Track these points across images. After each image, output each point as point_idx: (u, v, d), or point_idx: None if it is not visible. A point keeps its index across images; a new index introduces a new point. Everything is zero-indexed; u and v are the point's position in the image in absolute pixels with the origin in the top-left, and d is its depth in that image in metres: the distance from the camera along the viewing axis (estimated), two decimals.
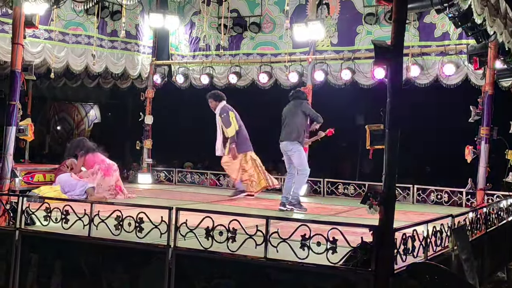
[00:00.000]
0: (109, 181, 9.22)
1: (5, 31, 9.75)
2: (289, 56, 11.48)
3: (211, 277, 4.72)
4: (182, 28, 12.55)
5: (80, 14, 10.87)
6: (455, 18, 6.74)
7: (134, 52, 12.22)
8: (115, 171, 9.34)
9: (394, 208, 4.30)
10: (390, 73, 4.40)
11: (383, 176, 4.32)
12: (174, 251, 4.88)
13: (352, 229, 4.72)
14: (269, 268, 4.53)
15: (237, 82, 11.86)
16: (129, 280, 5.04)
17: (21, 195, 5.83)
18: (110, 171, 9.28)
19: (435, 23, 10.26)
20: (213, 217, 4.86)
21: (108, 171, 9.27)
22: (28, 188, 9.04)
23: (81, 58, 11.29)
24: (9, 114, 6.13)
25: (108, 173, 9.26)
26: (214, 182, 12.22)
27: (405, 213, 8.28)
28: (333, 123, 9.29)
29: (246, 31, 12.02)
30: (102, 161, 9.36)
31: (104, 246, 5.19)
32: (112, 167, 9.34)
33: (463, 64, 9.75)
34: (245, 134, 10.08)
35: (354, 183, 10.98)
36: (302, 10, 11.32)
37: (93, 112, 21.97)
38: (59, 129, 22.07)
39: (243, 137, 10.00)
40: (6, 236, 5.63)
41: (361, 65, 10.78)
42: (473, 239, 6.09)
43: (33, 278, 5.47)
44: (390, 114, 4.32)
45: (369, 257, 4.20)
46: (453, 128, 13.26)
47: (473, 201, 9.34)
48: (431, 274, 4.33)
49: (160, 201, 8.98)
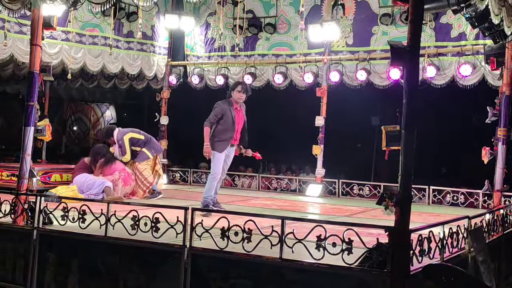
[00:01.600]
0: (126, 189, 9.30)
1: (23, 33, 9.86)
2: (304, 57, 11.47)
3: (226, 277, 4.74)
4: (197, 29, 12.60)
5: (96, 15, 10.96)
6: (472, 19, 6.69)
7: (150, 53, 12.30)
8: (133, 181, 9.41)
9: (410, 209, 4.29)
10: (406, 74, 4.38)
11: (399, 177, 4.31)
12: (190, 251, 4.90)
13: (367, 230, 4.71)
14: (285, 269, 4.54)
15: (252, 82, 11.87)
16: (145, 280, 5.08)
17: (39, 195, 5.88)
18: (129, 181, 9.35)
19: (452, 24, 10.20)
20: (228, 217, 4.89)
21: (127, 181, 9.34)
22: (46, 188, 9.12)
23: (97, 59, 11.40)
24: (27, 114, 6.20)
25: (127, 183, 9.33)
26: (229, 182, 12.24)
27: (420, 214, 8.25)
28: (348, 124, 9.32)
29: (261, 31, 12.04)
30: (123, 170, 9.39)
31: (120, 246, 5.23)
32: (131, 176, 9.40)
33: (480, 64, 9.68)
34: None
35: (369, 184, 10.95)
36: (317, 10, 11.31)
37: (109, 113, 22.13)
38: (75, 129, 22.26)
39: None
40: (24, 235, 5.70)
41: (377, 66, 10.74)
42: (490, 241, 6.04)
43: (50, 276, 5.53)
44: (406, 115, 4.30)
45: (385, 258, 4.19)
46: (469, 129, 13.18)
47: (490, 202, 9.26)
48: (448, 275, 4.30)
49: (176, 201, 9.02)
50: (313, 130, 11.18)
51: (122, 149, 9.53)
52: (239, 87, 8.01)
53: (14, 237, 5.79)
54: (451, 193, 10.10)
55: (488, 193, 9.38)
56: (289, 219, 4.81)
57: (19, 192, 6.04)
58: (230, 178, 12.31)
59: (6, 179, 9.49)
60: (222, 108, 7.92)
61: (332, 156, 11.57)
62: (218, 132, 7.91)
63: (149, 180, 9.53)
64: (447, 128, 14.47)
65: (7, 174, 9.53)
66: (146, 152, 9.62)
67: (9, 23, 9.72)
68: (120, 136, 9.54)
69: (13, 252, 5.75)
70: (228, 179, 12.30)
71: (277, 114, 15.48)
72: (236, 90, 7.98)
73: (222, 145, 7.89)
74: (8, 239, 5.81)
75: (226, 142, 7.91)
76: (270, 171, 14.58)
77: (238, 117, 8.02)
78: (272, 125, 15.85)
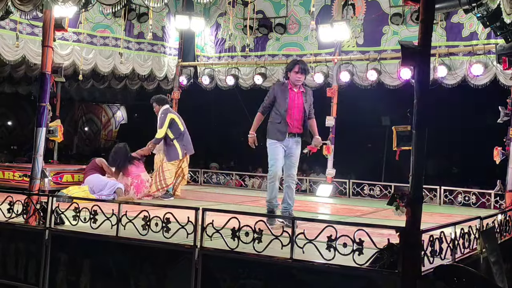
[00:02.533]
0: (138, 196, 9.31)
1: (35, 34, 9.95)
2: (315, 57, 11.47)
3: (237, 277, 4.74)
4: (207, 29, 12.63)
5: (108, 16, 11.06)
6: (483, 18, 6.65)
7: (160, 53, 12.35)
8: (146, 189, 9.40)
9: (421, 210, 4.27)
10: (417, 74, 4.36)
11: (410, 177, 4.29)
12: (200, 251, 4.91)
13: (378, 231, 4.70)
14: (295, 269, 4.53)
15: (262, 83, 11.89)
16: (156, 280, 5.09)
17: (51, 195, 5.92)
18: (141, 189, 9.35)
19: (463, 23, 10.15)
20: (239, 217, 4.89)
21: (140, 188, 9.34)
22: (57, 188, 9.18)
23: (108, 59, 11.47)
24: (39, 115, 6.24)
25: (139, 190, 9.32)
26: (239, 183, 12.26)
27: (432, 214, 8.21)
28: (359, 124, 9.29)
29: (271, 32, 12.06)
30: (137, 177, 9.38)
31: (131, 246, 5.25)
32: (144, 184, 9.38)
33: (492, 64, 9.63)
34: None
35: (379, 184, 10.91)
36: (328, 10, 11.31)
37: (120, 113, 22.26)
38: (86, 130, 22.40)
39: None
40: (36, 235, 5.74)
41: (387, 66, 10.71)
42: (502, 242, 6.01)
43: (62, 276, 5.56)
44: (417, 115, 4.28)
45: (396, 259, 4.18)
46: (481, 129, 13.10)
47: (502, 203, 9.21)
48: (459, 276, 4.28)
49: (186, 201, 9.04)
50: (324, 130, 11.17)
51: (160, 123, 9.43)
52: (296, 67, 6.87)
53: (26, 237, 5.82)
54: (463, 193, 10.05)
55: (500, 193, 9.33)
56: (299, 220, 4.81)
57: (31, 193, 6.08)
58: (240, 178, 12.33)
59: (18, 180, 9.56)
60: (275, 90, 6.93)
61: (342, 156, 11.54)
62: (272, 118, 6.91)
63: (167, 182, 9.40)
64: (458, 128, 14.40)
65: (19, 175, 9.61)
66: (178, 149, 9.43)
67: (21, 25, 9.81)
68: (165, 112, 9.47)
69: (25, 252, 5.79)
70: (239, 179, 12.32)
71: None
72: (293, 71, 6.85)
73: (277, 133, 6.80)
74: (20, 239, 5.86)
75: (282, 130, 6.78)
76: None
77: (296, 101, 6.87)
78: None
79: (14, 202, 6.05)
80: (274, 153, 6.77)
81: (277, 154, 6.77)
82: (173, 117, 9.52)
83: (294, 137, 6.85)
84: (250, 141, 6.97)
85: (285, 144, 6.82)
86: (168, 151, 9.48)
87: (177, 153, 9.46)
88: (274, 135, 6.79)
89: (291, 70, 6.87)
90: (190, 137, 9.71)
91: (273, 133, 6.80)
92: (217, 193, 10.85)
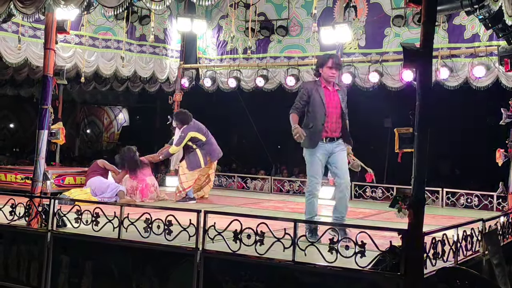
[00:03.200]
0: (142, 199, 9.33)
1: (38, 37, 9.96)
2: (316, 59, 11.43)
3: (239, 280, 4.73)
4: (209, 32, 12.63)
5: (109, 19, 11.05)
6: (485, 20, 6.64)
7: (162, 56, 12.35)
8: (151, 193, 9.43)
9: (423, 212, 4.26)
10: (419, 76, 4.36)
11: (412, 179, 4.29)
12: (202, 253, 4.91)
13: (380, 233, 4.69)
14: (297, 272, 4.53)
15: (264, 85, 11.88)
16: (158, 282, 5.09)
17: (53, 198, 5.93)
18: (147, 193, 9.38)
19: (465, 25, 10.13)
20: (241, 220, 4.88)
21: (145, 193, 9.37)
22: (59, 190, 9.19)
23: (110, 62, 11.46)
24: (41, 118, 6.25)
25: (144, 194, 9.36)
26: (241, 185, 12.25)
27: (434, 217, 8.19)
28: (361, 126, 9.21)
29: (273, 34, 12.04)
30: (142, 181, 9.41)
31: (133, 248, 5.25)
32: (149, 188, 9.41)
33: (494, 66, 9.61)
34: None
35: (382, 186, 10.90)
36: (329, 13, 11.30)
37: (122, 116, 22.29)
38: (88, 132, 22.43)
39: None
40: (39, 237, 5.75)
41: (389, 68, 10.70)
42: (504, 244, 5.99)
43: (64, 279, 5.57)
44: (419, 117, 4.28)
45: (398, 261, 4.17)
46: (483, 131, 13.08)
47: (505, 205, 9.19)
48: (462, 278, 4.27)
49: (188, 204, 9.03)
50: None
51: (179, 140, 9.37)
52: (329, 62, 6.06)
53: (29, 239, 5.83)
54: (465, 196, 10.02)
55: (502, 195, 9.30)
56: (301, 222, 4.81)
57: (33, 195, 6.09)
58: (242, 180, 12.32)
59: (20, 182, 9.57)
60: (307, 88, 6.11)
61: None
62: (306, 121, 6.05)
63: (184, 185, 9.29)
64: (461, 130, 14.39)
65: (21, 177, 9.61)
66: (200, 157, 9.32)
67: (24, 27, 9.82)
68: (186, 130, 9.36)
69: (27, 254, 5.80)
70: (241, 181, 12.31)
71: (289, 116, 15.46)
72: (327, 67, 6.06)
73: (314, 138, 5.95)
74: (22, 242, 5.86)
75: (318, 133, 5.95)
76: (282, 173, 14.56)
77: (331, 99, 6.07)
78: (284, 128, 15.83)
79: (16, 204, 6.06)
80: (311, 165, 5.99)
81: (315, 166, 5.97)
82: (193, 136, 9.38)
83: (333, 142, 6.05)
84: (296, 134, 5.84)
85: (323, 152, 6.00)
86: (189, 158, 9.41)
87: (199, 161, 9.35)
88: (308, 143, 5.96)
89: (324, 65, 6.09)
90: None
91: (309, 139, 5.93)
92: (219, 195, 10.83)
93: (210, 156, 9.47)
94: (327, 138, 6.01)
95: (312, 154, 5.97)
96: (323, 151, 5.99)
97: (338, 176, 6.08)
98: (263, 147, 15.55)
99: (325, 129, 5.97)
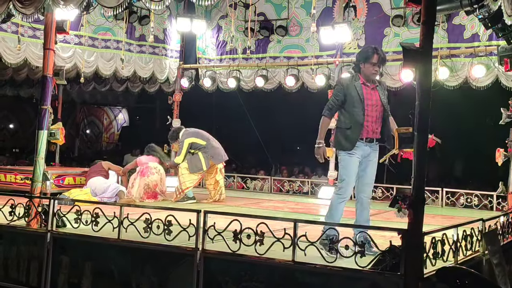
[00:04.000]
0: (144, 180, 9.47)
1: (37, 37, 9.97)
2: (316, 59, 11.46)
3: (239, 280, 4.73)
4: (209, 32, 12.64)
5: (109, 19, 11.06)
6: (485, 20, 6.64)
7: (162, 56, 12.36)
8: (152, 174, 9.58)
9: (423, 212, 4.26)
10: (419, 76, 4.35)
11: (411, 179, 4.28)
12: (202, 253, 4.91)
13: (380, 233, 4.69)
14: (297, 272, 4.52)
15: (264, 85, 11.89)
16: (158, 283, 5.09)
17: (53, 198, 5.92)
18: (146, 173, 9.54)
19: (464, 25, 10.14)
20: (241, 220, 4.88)
21: (145, 173, 9.56)
22: (59, 191, 9.19)
23: (110, 62, 11.47)
24: (40, 118, 6.25)
25: (144, 174, 9.55)
26: (241, 185, 12.25)
27: (434, 216, 8.20)
28: None
29: (273, 34, 12.05)
30: (144, 164, 9.72)
31: (133, 249, 5.25)
32: (150, 170, 9.60)
33: (493, 65, 9.61)
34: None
35: (381, 186, 10.90)
36: (329, 13, 11.31)
37: (121, 116, 22.29)
38: (88, 132, 22.43)
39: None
40: (38, 238, 5.74)
41: (389, 68, 10.67)
42: (504, 244, 5.99)
43: (64, 279, 5.56)
44: (418, 116, 4.28)
45: (398, 261, 4.17)
46: (483, 130, 13.08)
47: (504, 204, 9.20)
48: (462, 278, 4.27)
49: (188, 204, 9.03)
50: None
51: (179, 150, 9.50)
52: (374, 57, 5.47)
53: (28, 240, 5.82)
54: (465, 195, 10.03)
55: (502, 195, 9.31)
56: (301, 222, 4.79)
57: (33, 195, 6.09)
58: (242, 180, 12.31)
59: (20, 182, 9.57)
60: (343, 85, 5.56)
61: None
62: (343, 121, 5.55)
63: (182, 186, 9.32)
64: (460, 130, 14.38)
65: (21, 177, 9.61)
66: (201, 160, 9.34)
67: (23, 28, 9.82)
68: (182, 138, 9.50)
69: (27, 255, 5.79)
70: (240, 181, 12.31)
71: (289, 116, 15.47)
72: (370, 62, 5.49)
73: (351, 140, 5.46)
74: (22, 242, 5.86)
75: (353, 137, 5.45)
76: (282, 173, 14.57)
77: (372, 97, 5.53)
78: (284, 128, 15.85)
79: (16, 205, 6.05)
80: (347, 166, 5.47)
81: (351, 168, 5.46)
82: (191, 142, 9.44)
83: (371, 143, 5.55)
84: (318, 153, 5.54)
85: (360, 154, 5.52)
86: (190, 161, 9.42)
87: (200, 164, 9.36)
88: (343, 145, 5.49)
89: (367, 60, 5.51)
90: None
91: (342, 141, 5.50)
92: None
93: (213, 159, 9.48)
94: (367, 138, 5.51)
95: (350, 156, 5.47)
96: (362, 152, 5.52)
97: (363, 192, 5.65)
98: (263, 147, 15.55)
99: (364, 130, 5.48)
